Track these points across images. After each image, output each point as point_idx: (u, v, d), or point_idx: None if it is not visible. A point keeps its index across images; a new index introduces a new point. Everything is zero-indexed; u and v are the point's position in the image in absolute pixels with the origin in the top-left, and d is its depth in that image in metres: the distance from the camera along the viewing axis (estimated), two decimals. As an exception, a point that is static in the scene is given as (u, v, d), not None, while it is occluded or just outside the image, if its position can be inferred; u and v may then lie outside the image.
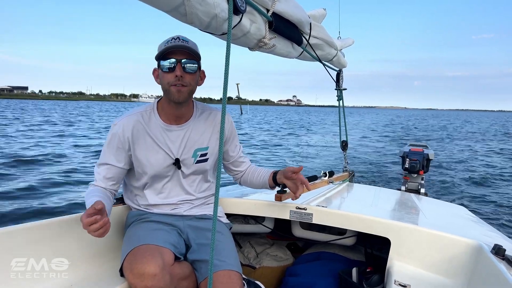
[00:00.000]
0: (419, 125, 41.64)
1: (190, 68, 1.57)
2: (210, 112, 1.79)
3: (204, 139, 1.74)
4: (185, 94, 1.59)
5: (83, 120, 31.19)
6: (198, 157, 1.73)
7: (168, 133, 1.68)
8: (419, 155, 4.44)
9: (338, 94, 3.61)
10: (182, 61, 1.55)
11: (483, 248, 1.53)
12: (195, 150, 1.72)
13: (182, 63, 1.55)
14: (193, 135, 1.71)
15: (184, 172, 1.72)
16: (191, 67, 1.58)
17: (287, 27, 1.70)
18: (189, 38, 1.61)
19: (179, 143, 1.69)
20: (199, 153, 1.73)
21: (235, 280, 1.52)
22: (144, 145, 1.66)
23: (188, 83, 1.59)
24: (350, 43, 3.17)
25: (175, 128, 1.69)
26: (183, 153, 1.70)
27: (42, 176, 7.84)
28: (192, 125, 1.72)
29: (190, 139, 1.71)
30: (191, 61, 1.57)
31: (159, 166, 1.67)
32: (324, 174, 2.79)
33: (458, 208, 3.07)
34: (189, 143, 1.70)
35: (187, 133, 1.70)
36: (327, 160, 12.34)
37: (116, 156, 1.66)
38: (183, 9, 1.06)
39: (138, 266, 1.37)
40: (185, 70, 1.56)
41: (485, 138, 24.56)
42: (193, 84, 1.62)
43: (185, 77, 1.57)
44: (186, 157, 1.70)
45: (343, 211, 1.91)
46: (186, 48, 1.54)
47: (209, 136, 1.75)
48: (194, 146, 1.72)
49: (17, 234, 1.39)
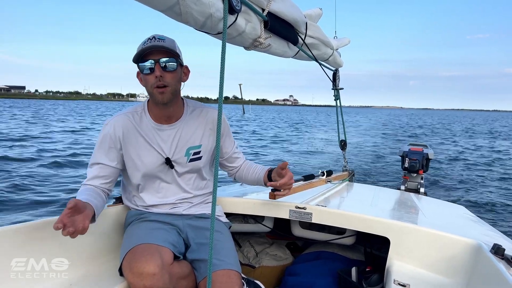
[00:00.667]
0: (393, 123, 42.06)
1: (170, 67, 1.56)
2: (201, 110, 1.78)
3: (196, 137, 1.74)
4: (168, 94, 1.58)
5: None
6: (191, 155, 1.73)
7: (160, 132, 1.68)
8: (418, 154, 4.44)
9: (335, 94, 3.62)
10: (160, 60, 1.54)
11: (482, 248, 1.53)
12: (188, 148, 1.72)
13: (161, 63, 1.54)
14: (184, 134, 1.71)
15: (178, 171, 1.72)
16: (170, 65, 1.56)
17: (283, 26, 1.71)
18: (166, 36, 1.59)
19: (170, 142, 1.69)
20: (192, 152, 1.73)
21: (234, 279, 1.51)
22: (135, 144, 1.67)
23: (169, 83, 1.57)
24: (346, 42, 3.17)
25: (166, 127, 1.69)
26: (175, 152, 1.70)
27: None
28: (183, 124, 1.72)
29: (182, 138, 1.71)
30: (169, 59, 1.55)
31: (151, 166, 1.68)
32: (322, 173, 2.79)
33: (458, 207, 3.07)
34: (180, 142, 1.70)
35: (178, 132, 1.70)
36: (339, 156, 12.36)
37: (108, 155, 1.66)
38: (178, 8, 1.07)
39: (137, 265, 1.37)
40: (165, 69, 1.55)
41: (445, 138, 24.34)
42: (175, 82, 1.60)
43: (165, 76, 1.56)
44: (178, 156, 1.70)
45: (342, 210, 1.91)
46: (162, 47, 1.52)
47: (201, 133, 1.75)
48: (186, 145, 1.72)
49: (17, 234, 1.39)
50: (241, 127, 27.86)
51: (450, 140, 21.92)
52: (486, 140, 22.84)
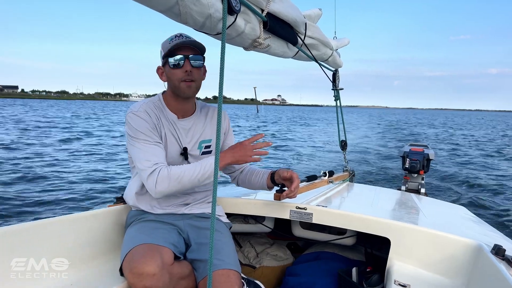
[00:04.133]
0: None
1: (198, 63, 1.64)
2: (209, 108, 1.87)
3: (207, 131, 1.80)
4: (194, 89, 1.67)
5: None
6: (203, 148, 1.79)
7: (178, 124, 1.74)
8: (419, 155, 4.44)
9: (335, 94, 3.61)
10: (190, 56, 1.62)
11: (483, 248, 1.53)
12: (200, 142, 1.78)
13: (190, 59, 1.61)
14: (198, 128, 1.78)
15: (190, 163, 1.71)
16: (198, 62, 1.64)
17: (282, 27, 1.71)
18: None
19: (186, 133, 1.75)
20: (204, 145, 1.79)
21: (234, 279, 1.52)
22: (162, 133, 1.69)
23: (196, 78, 1.66)
24: (345, 43, 3.17)
25: (182, 120, 1.75)
26: (190, 143, 1.75)
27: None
28: (196, 119, 1.79)
29: (196, 131, 1.77)
30: (197, 56, 1.64)
31: (170, 155, 1.70)
32: (324, 174, 2.79)
33: (458, 208, 3.06)
34: (195, 135, 1.77)
35: (193, 125, 1.77)
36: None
37: (156, 135, 1.63)
38: (177, 9, 1.07)
39: (137, 265, 1.37)
40: (194, 65, 1.63)
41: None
42: (200, 78, 1.69)
43: (193, 72, 1.63)
44: (193, 148, 1.76)
45: (343, 211, 1.91)
46: (193, 43, 1.61)
47: (210, 129, 1.81)
48: (200, 138, 1.78)
49: (17, 234, 1.39)
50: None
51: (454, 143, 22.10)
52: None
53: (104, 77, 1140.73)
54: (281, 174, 1.81)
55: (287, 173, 1.80)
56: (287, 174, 1.79)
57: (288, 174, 1.79)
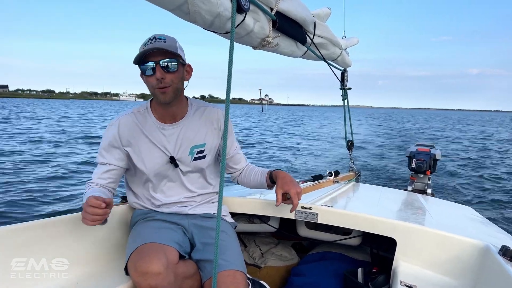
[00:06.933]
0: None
1: (171, 67, 1.54)
2: (205, 108, 1.78)
3: (200, 136, 1.73)
4: (170, 94, 1.57)
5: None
6: (195, 154, 1.72)
7: (164, 131, 1.68)
8: (426, 155, 4.41)
9: (343, 94, 3.59)
10: (161, 62, 1.52)
11: (490, 249, 1.51)
12: (192, 147, 1.71)
13: (161, 64, 1.52)
14: (188, 133, 1.71)
15: (182, 170, 1.72)
16: (171, 66, 1.54)
17: (291, 26, 1.69)
18: (167, 35, 1.57)
19: (174, 141, 1.69)
20: (196, 150, 1.72)
21: (239, 280, 1.51)
22: (140, 144, 1.67)
23: (170, 83, 1.56)
24: (355, 42, 3.15)
25: (169, 127, 1.69)
26: (179, 151, 1.69)
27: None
28: (186, 123, 1.71)
29: (186, 137, 1.70)
30: (170, 60, 1.54)
31: (156, 165, 1.68)
32: (330, 174, 2.78)
33: (466, 208, 3.03)
34: (185, 141, 1.70)
35: (182, 131, 1.70)
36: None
37: (113, 155, 1.67)
38: (186, 7, 1.06)
39: (142, 264, 1.37)
40: (166, 70, 1.54)
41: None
42: (177, 82, 1.59)
43: (166, 77, 1.54)
44: (182, 155, 1.70)
45: (348, 211, 1.90)
46: (162, 48, 1.50)
47: (205, 132, 1.74)
48: (191, 144, 1.71)
49: (17, 234, 1.39)
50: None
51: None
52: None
53: (90, 76, 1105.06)
54: (282, 185, 1.71)
55: (285, 187, 1.70)
56: (285, 190, 1.70)
57: (286, 190, 1.70)
